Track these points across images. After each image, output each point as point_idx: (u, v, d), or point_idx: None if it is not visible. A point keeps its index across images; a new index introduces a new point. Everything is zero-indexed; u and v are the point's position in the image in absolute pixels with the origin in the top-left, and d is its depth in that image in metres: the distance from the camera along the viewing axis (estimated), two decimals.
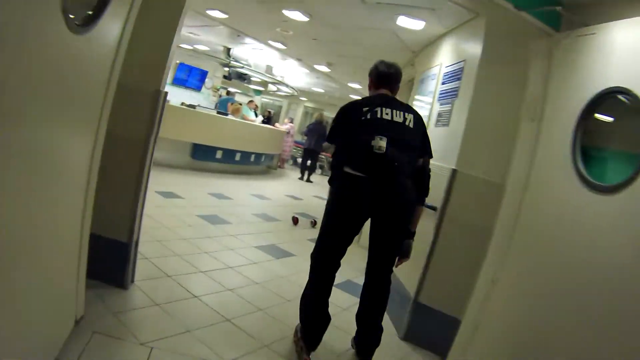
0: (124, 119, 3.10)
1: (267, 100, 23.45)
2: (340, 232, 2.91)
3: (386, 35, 5.88)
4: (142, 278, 3.70)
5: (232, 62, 11.41)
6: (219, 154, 10.33)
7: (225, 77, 14.24)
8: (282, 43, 8.39)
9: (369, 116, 2.81)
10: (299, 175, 13.75)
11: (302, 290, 3.15)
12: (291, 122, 15.71)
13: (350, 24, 5.89)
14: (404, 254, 3.04)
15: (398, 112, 2.88)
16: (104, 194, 2.80)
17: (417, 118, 2.99)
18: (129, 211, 3.39)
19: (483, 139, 3.57)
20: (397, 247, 2.98)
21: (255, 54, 11.32)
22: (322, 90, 16.45)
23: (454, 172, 3.55)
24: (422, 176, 3.04)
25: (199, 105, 10.90)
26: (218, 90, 16.61)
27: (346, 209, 2.85)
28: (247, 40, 9.31)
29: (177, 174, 8.98)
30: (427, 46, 5.67)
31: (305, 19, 6.09)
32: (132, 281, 3.57)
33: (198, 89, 15.83)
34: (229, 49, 11.14)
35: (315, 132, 13.38)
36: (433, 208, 3.64)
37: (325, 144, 15.37)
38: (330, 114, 18.56)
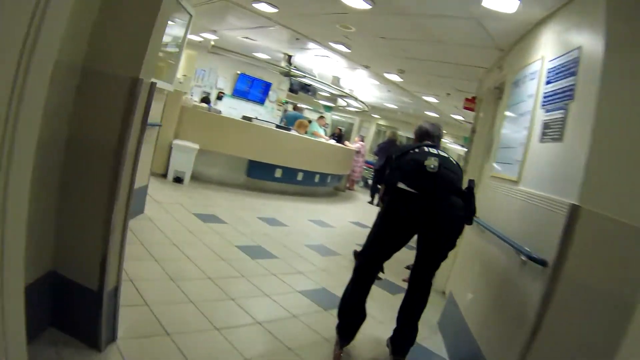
0: (90, 117, 2.32)
1: (338, 118, 22.61)
2: (388, 241, 3.19)
3: (468, 26, 4.74)
4: (131, 335, 2.75)
5: (292, 70, 10.48)
6: (278, 173, 9.46)
7: (290, 90, 13.39)
8: (345, 45, 7.38)
9: (417, 150, 3.18)
10: (369, 198, 12.59)
11: None
12: (362, 140, 14.69)
13: (422, 8, 4.78)
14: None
15: (441, 152, 3.18)
16: (66, 221, 2.33)
17: (458, 167, 3.24)
18: (96, 249, 2.45)
19: (621, 160, 2.31)
20: (442, 258, 3.22)
21: (319, 63, 10.43)
22: (394, 106, 15.35)
23: (575, 209, 2.28)
24: (469, 196, 3.11)
25: (255, 118, 10.02)
26: (283, 104, 15.82)
27: (397, 222, 3.09)
28: (309, 45, 8.41)
29: (227, 194, 8.15)
30: (520, 39, 4.51)
31: (366, 5, 5.05)
32: (114, 339, 2.65)
33: (261, 102, 15.10)
34: (290, 57, 10.25)
35: (387, 151, 12.15)
36: (541, 262, 2.46)
37: None
38: (404, 133, 17.42)
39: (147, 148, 5.24)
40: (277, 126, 10.00)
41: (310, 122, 11.27)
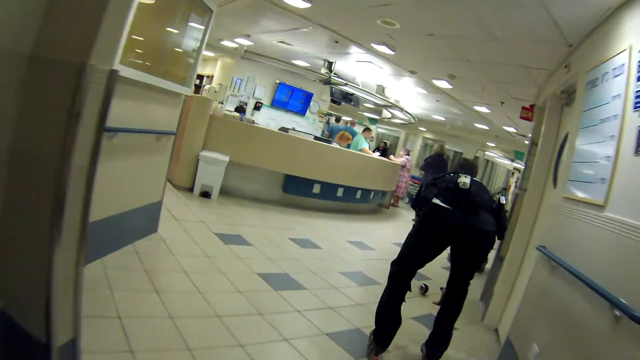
0: (35, 120, 1.81)
1: (383, 131, 21.86)
2: (421, 251, 3.40)
3: (532, 15, 3.96)
4: None
5: (333, 77, 9.77)
6: (316, 188, 8.75)
7: (332, 100, 12.64)
8: (389, 46, 6.63)
9: (452, 174, 3.46)
10: (414, 216, 11.66)
11: None
12: (407, 154, 13.81)
13: None
14: None
15: (477, 186, 3.38)
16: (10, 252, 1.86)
17: (489, 197, 3.51)
18: (40, 292, 1.82)
19: None
20: (476, 268, 3.47)
21: (362, 70, 9.71)
22: (442, 118, 14.48)
23: None
24: (499, 212, 3.44)
25: (293, 129, 9.33)
26: (325, 115, 15.14)
27: (432, 234, 3.34)
28: (350, 49, 7.73)
29: (259, 210, 7.48)
30: (594, 30, 3.73)
31: None
32: None
33: (302, 113, 14.45)
34: (330, 63, 9.57)
35: (433, 166, 11.39)
36: None
37: None
38: (451, 147, 16.52)
39: (160, 159, 4.63)
40: (316, 138, 9.26)
41: (350, 134, 10.51)
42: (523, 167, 5.79)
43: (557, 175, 4.26)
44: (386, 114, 14.26)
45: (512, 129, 11.31)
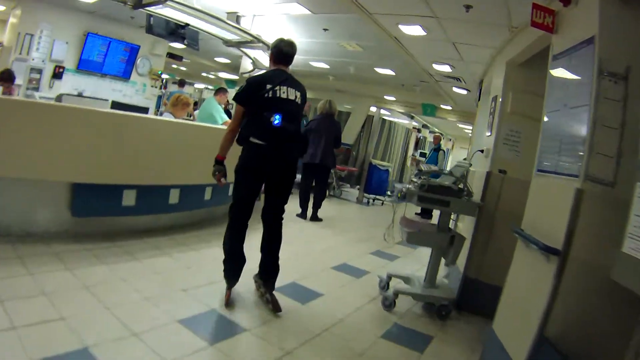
0: None
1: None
2: (248, 188, 3.70)
3: None
4: None
5: None
6: (129, 198, 4.80)
7: (150, 30, 7.72)
8: None
9: (270, 94, 3.63)
10: (299, 210, 7.96)
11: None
12: None
13: None
14: None
15: (291, 90, 3.72)
16: None
17: (303, 94, 3.84)
18: None
19: None
20: (285, 194, 3.87)
21: None
22: (326, 65, 10.95)
23: None
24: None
25: (78, 95, 5.11)
26: (159, 77, 10.85)
27: (252, 169, 3.66)
28: None
29: (17, 263, 3.41)
30: None
31: None
32: None
33: (125, 76, 10.13)
34: None
35: (322, 133, 7.85)
36: None
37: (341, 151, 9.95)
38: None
39: None
40: (118, 105, 5.05)
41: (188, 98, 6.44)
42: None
43: None
44: (246, 66, 10.03)
45: (445, 68, 7.88)
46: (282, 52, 3.82)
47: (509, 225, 3.44)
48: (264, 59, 8.98)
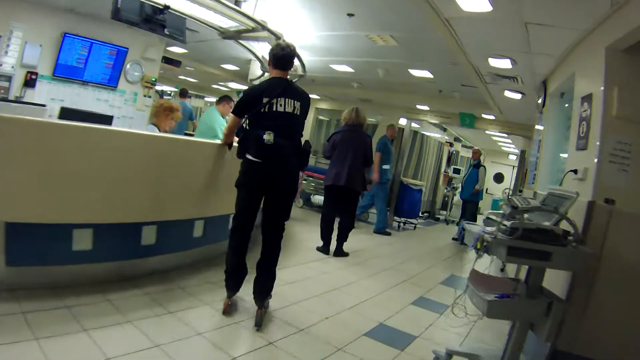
0: None
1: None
2: (246, 202, 3.72)
3: None
4: None
5: None
6: (81, 241, 3.58)
7: (117, 16, 5.74)
8: None
9: (266, 109, 3.63)
10: (319, 242, 6.58)
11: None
12: None
13: None
14: None
15: (290, 101, 3.68)
16: None
17: (304, 103, 3.80)
18: None
19: None
20: (285, 210, 3.91)
21: None
22: (350, 69, 9.40)
23: None
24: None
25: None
26: (153, 84, 9.33)
27: (250, 184, 3.70)
28: None
29: None
30: None
31: None
32: None
33: (111, 84, 8.61)
34: None
35: (348, 148, 6.55)
36: None
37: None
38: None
39: None
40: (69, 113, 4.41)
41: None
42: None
43: None
44: (255, 70, 8.50)
45: (504, 64, 6.29)
46: (281, 56, 3.76)
47: (619, 278, 2.93)
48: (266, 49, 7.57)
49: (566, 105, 5.40)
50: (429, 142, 12.58)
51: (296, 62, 7.45)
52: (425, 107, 11.12)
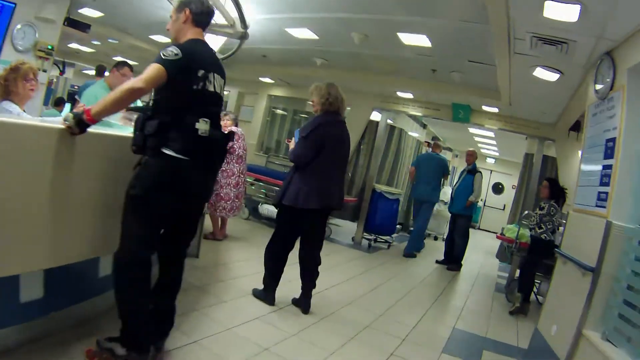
0: None
1: None
2: (154, 220, 2.91)
3: None
4: None
5: None
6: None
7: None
8: None
9: (200, 86, 2.77)
10: (257, 285, 4.67)
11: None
12: (236, 124, 6.64)
13: None
14: None
15: (218, 77, 2.90)
16: None
17: (225, 81, 3.05)
18: None
19: None
20: (195, 226, 3.28)
21: None
22: (311, 34, 7.10)
23: None
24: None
25: None
26: (51, 54, 7.05)
27: (163, 194, 2.84)
28: None
29: None
30: None
31: None
32: None
33: None
34: None
35: (334, 151, 4.52)
36: None
37: None
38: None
39: None
40: None
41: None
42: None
43: None
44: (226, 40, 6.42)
45: (567, 15, 4.00)
46: (206, 7, 2.88)
47: None
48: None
49: None
50: (407, 141, 10.50)
51: (233, 13, 5.70)
52: (409, 95, 8.87)
